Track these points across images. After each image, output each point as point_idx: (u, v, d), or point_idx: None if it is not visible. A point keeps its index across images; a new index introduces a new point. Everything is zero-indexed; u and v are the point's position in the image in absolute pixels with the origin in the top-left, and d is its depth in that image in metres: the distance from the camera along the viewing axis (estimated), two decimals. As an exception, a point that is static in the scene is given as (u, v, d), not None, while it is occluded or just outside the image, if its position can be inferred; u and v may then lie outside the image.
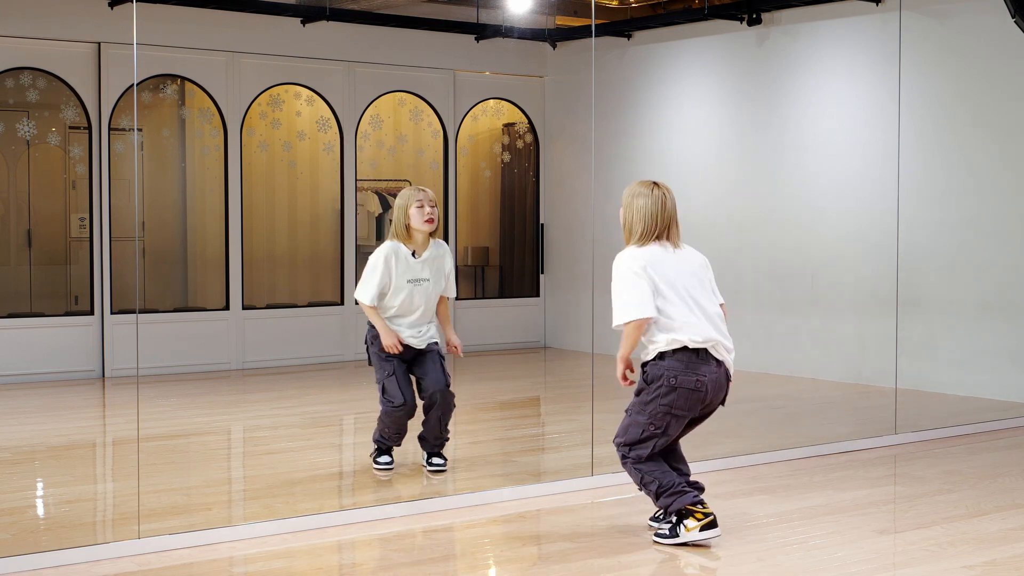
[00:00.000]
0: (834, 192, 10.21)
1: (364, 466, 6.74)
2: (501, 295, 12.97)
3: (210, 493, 6.27)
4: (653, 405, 5.12)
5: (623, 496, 6.00)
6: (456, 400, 6.59)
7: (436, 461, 6.61)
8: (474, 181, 12.92)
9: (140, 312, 10.82)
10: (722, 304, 5.30)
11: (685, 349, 5.07)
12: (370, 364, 6.65)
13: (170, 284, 11.47)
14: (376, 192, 12.24)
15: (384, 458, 6.58)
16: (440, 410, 6.52)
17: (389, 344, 6.45)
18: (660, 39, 11.60)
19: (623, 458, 5.21)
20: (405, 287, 6.49)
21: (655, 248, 5.17)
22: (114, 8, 10.22)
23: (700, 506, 5.12)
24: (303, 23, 11.17)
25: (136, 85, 10.65)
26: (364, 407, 8.61)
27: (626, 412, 5.23)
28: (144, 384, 10.01)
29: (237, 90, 11.07)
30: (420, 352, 6.56)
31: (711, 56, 11.21)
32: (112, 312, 10.39)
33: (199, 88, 10.99)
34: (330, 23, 11.18)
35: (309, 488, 6.26)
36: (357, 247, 11.67)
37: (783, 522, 5.56)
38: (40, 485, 6.61)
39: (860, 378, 9.91)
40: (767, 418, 8.51)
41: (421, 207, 6.50)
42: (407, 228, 6.52)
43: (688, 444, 5.44)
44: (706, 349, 5.08)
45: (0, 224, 10.50)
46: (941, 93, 9.52)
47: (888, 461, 7.06)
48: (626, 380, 5.23)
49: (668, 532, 5.15)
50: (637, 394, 5.22)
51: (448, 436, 6.65)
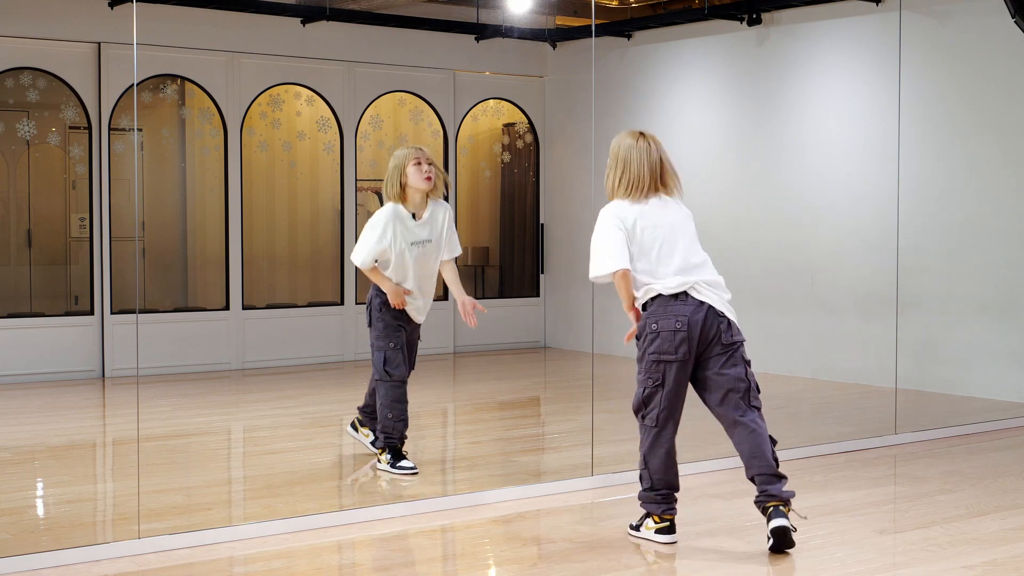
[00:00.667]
0: (834, 192, 10.21)
1: (364, 466, 6.73)
2: (501, 295, 12.97)
3: (210, 493, 6.26)
4: (645, 359, 5.15)
5: (623, 496, 6.00)
6: (456, 400, 6.58)
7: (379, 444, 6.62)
8: (474, 181, 12.92)
9: (140, 312, 10.82)
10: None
11: (661, 295, 5.10)
12: (370, 325, 6.49)
13: (170, 284, 11.48)
14: (376, 192, 12.23)
15: (405, 462, 6.48)
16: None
17: (399, 301, 6.33)
18: (660, 39, 11.60)
19: (641, 420, 5.23)
20: (407, 250, 6.34)
21: (636, 203, 5.18)
22: (114, 8, 10.22)
23: (665, 513, 5.21)
24: (303, 23, 11.17)
25: (136, 85, 10.65)
26: (364, 407, 8.61)
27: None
28: (144, 384, 10.01)
29: (237, 90, 11.07)
30: (412, 331, 6.53)
31: (711, 56, 11.21)
32: (112, 312, 10.39)
33: (199, 88, 10.99)
34: (330, 23, 11.18)
35: (309, 488, 6.26)
36: (357, 247, 11.66)
37: (783, 522, 5.56)
38: (40, 485, 6.61)
39: (860, 378, 9.91)
40: (767, 418, 8.48)
41: (419, 165, 6.30)
42: (403, 188, 6.33)
43: (688, 444, 5.44)
44: (685, 291, 5.08)
45: (0, 224, 10.50)
46: (941, 93, 9.52)
47: (888, 461, 7.06)
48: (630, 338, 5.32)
49: (634, 525, 5.34)
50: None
51: None
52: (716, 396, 5.16)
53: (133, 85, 10.37)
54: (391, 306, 6.43)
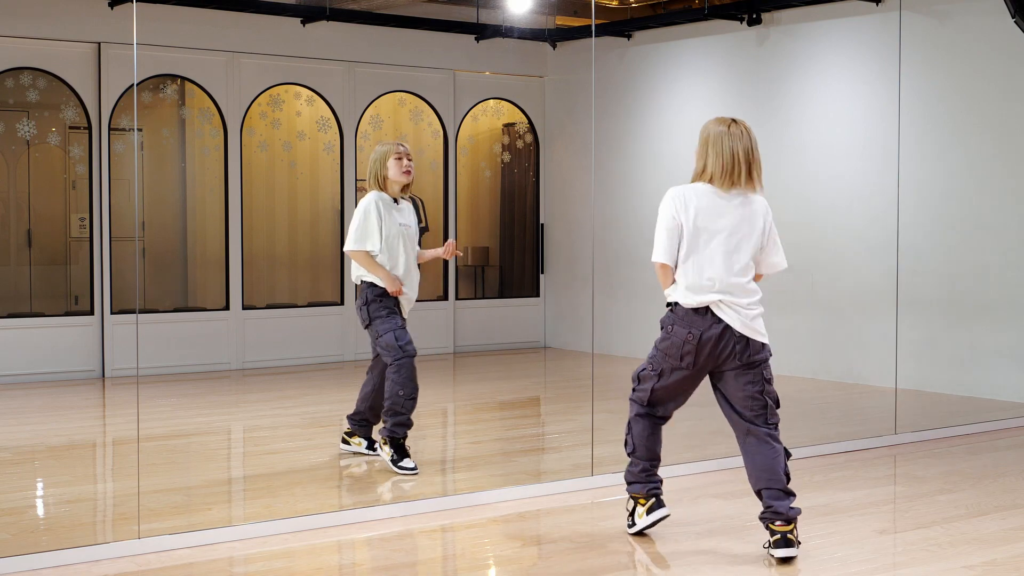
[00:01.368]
0: (834, 192, 10.21)
1: (364, 466, 6.73)
2: (501, 295, 12.97)
3: (210, 493, 6.26)
4: (655, 348, 5.19)
5: (623, 496, 5.99)
6: (456, 400, 6.60)
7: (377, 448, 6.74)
8: (474, 181, 12.92)
9: (140, 312, 10.82)
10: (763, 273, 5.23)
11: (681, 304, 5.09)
12: (366, 327, 6.62)
13: (170, 284, 11.47)
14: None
15: (407, 462, 6.50)
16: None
17: (395, 289, 6.46)
18: (660, 39, 11.60)
19: (632, 391, 5.28)
20: (397, 232, 6.52)
21: (708, 190, 5.05)
22: (114, 8, 10.22)
23: (650, 491, 5.24)
24: (303, 23, 11.17)
25: (136, 85, 10.65)
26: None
27: None
28: (144, 384, 10.01)
29: (237, 90, 11.07)
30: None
31: (711, 56, 11.21)
32: (112, 312, 10.39)
33: (199, 88, 10.99)
34: (330, 23, 11.19)
35: (309, 488, 6.26)
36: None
37: (783, 522, 5.56)
38: (40, 485, 6.61)
39: (860, 378, 9.91)
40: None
41: (400, 159, 6.54)
42: (384, 179, 6.56)
43: (688, 444, 5.44)
44: (707, 307, 5.02)
45: (0, 224, 10.50)
46: (941, 93, 9.52)
47: (888, 461, 7.06)
48: None
49: (629, 523, 5.35)
50: None
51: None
52: (732, 408, 5.14)
53: (133, 85, 10.37)
54: (387, 296, 6.55)
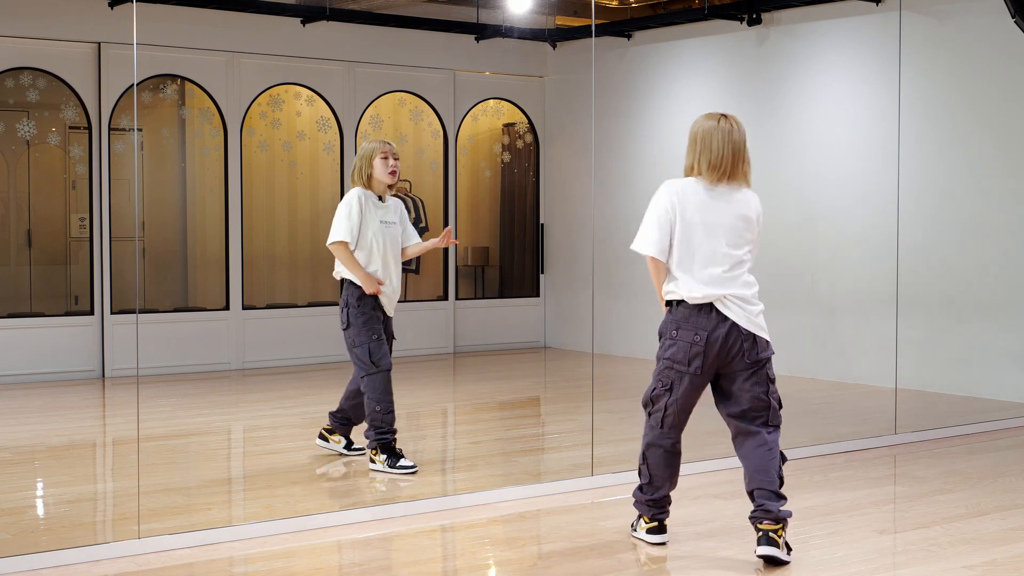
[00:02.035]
0: (834, 192, 10.21)
1: (364, 466, 6.73)
2: (501, 295, 12.97)
3: (210, 493, 6.26)
4: (659, 362, 5.06)
5: (623, 496, 6.00)
6: (456, 400, 6.59)
7: (358, 446, 6.81)
8: (474, 181, 12.92)
9: (140, 312, 10.82)
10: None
11: (686, 303, 4.97)
12: (346, 328, 6.55)
13: (170, 284, 11.47)
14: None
15: (404, 461, 6.49)
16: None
17: (373, 289, 6.44)
18: (660, 39, 11.60)
19: (647, 416, 5.15)
20: (378, 229, 6.51)
21: (701, 185, 5.01)
22: (114, 8, 10.22)
23: (656, 516, 5.22)
24: (303, 23, 11.17)
25: (136, 85, 10.65)
26: (364, 407, 8.60)
27: None
28: (144, 384, 10.01)
29: (237, 90, 11.07)
30: (387, 324, 6.61)
31: (711, 56, 11.21)
32: (112, 312, 10.39)
33: (199, 88, 10.99)
34: (330, 23, 11.18)
35: (309, 488, 6.26)
36: (357, 247, 11.65)
37: (783, 522, 5.56)
38: (40, 485, 6.61)
39: (860, 378, 9.91)
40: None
41: (385, 159, 6.54)
42: (369, 177, 6.56)
43: (688, 444, 5.42)
44: (710, 304, 4.93)
45: (0, 224, 10.50)
46: (941, 93, 9.53)
47: (888, 461, 7.06)
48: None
49: (633, 525, 5.36)
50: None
51: None
52: (734, 409, 5.06)
53: (133, 85, 10.37)
54: (366, 297, 6.52)
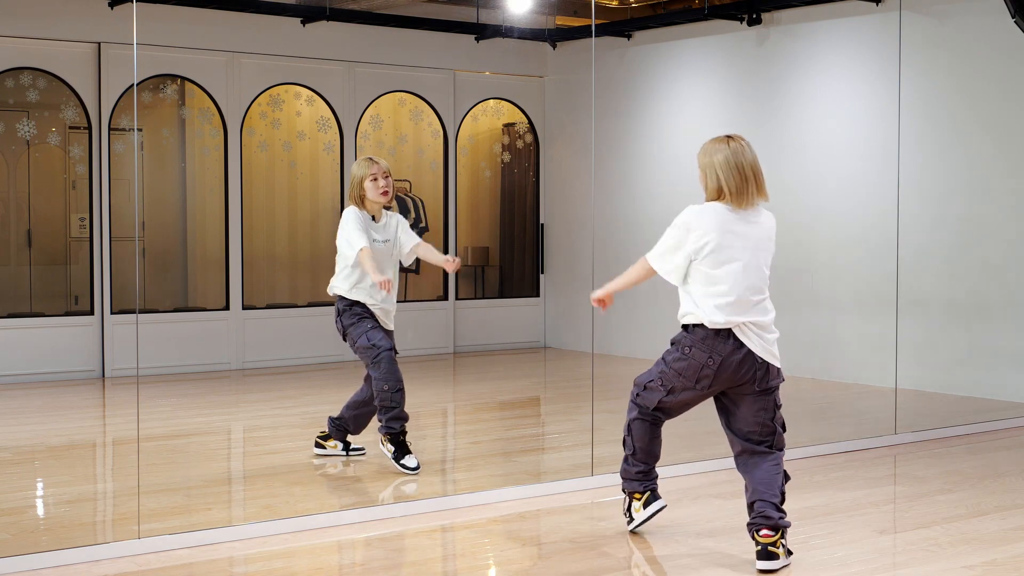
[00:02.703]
0: (834, 192, 10.21)
1: (364, 466, 6.73)
2: (501, 295, 12.97)
3: (210, 493, 6.26)
4: (667, 365, 5.09)
5: (623, 496, 5.99)
6: (456, 400, 6.59)
7: (356, 447, 6.88)
8: (474, 181, 12.92)
9: (140, 312, 10.82)
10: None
11: (705, 326, 4.98)
12: (344, 339, 6.64)
13: (170, 284, 11.47)
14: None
15: (408, 460, 6.49)
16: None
17: (381, 280, 6.41)
18: (660, 39, 11.60)
19: (634, 396, 5.22)
20: (371, 245, 6.52)
21: (727, 209, 4.99)
22: (114, 8, 10.22)
23: (646, 488, 5.26)
24: (303, 23, 11.17)
25: (136, 85, 10.65)
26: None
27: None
28: (144, 384, 10.01)
29: (237, 90, 11.07)
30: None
31: (711, 56, 11.21)
32: (112, 312, 10.39)
33: (199, 88, 10.99)
34: (330, 23, 11.18)
35: (309, 488, 6.26)
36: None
37: (783, 522, 5.56)
38: (40, 485, 6.61)
39: (860, 378, 9.91)
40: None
41: (375, 180, 6.53)
42: (362, 199, 6.56)
43: (688, 444, 5.44)
44: (728, 329, 4.96)
45: (0, 224, 10.50)
46: (941, 93, 9.52)
47: (888, 461, 7.06)
48: (600, 302, 5.27)
49: (628, 519, 5.37)
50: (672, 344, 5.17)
51: None
52: (740, 429, 5.09)
53: (133, 85, 10.37)
54: (355, 306, 6.55)
